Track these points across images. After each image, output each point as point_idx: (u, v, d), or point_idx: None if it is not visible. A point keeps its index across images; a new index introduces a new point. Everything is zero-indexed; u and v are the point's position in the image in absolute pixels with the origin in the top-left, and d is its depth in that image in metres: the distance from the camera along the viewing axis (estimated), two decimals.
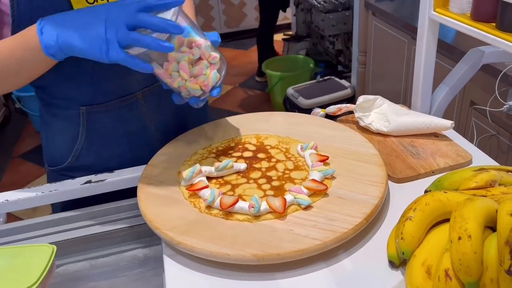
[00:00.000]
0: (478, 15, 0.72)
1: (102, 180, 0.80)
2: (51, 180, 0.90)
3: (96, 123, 0.80)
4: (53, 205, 0.85)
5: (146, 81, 0.81)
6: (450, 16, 0.77)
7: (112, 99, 0.79)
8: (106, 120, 0.80)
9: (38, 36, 0.59)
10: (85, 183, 0.79)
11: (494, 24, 0.69)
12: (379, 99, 0.86)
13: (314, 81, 2.65)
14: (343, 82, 2.56)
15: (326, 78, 2.64)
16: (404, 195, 0.69)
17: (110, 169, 0.80)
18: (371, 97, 0.86)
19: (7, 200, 0.75)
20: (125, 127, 0.83)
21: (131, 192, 0.78)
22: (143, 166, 0.77)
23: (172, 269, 0.60)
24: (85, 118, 0.79)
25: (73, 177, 0.80)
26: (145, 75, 0.77)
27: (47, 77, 0.71)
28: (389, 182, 0.72)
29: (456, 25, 0.75)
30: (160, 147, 0.81)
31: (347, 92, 2.48)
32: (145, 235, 0.80)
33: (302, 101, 2.41)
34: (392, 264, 0.57)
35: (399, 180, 0.73)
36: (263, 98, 3.15)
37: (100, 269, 0.78)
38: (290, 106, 2.53)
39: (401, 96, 1.92)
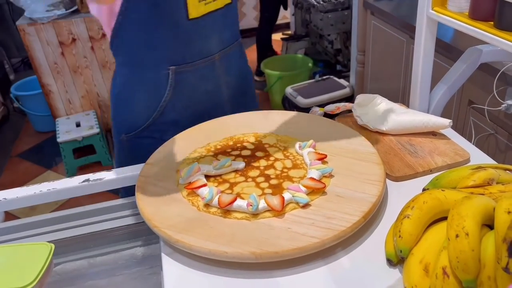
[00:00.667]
0: (476, 14, 0.72)
1: (100, 179, 0.80)
2: (123, 150, 0.97)
3: (182, 81, 0.88)
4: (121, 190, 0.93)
5: (223, 44, 0.91)
6: (448, 14, 0.77)
7: (197, 59, 0.87)
8: (191, 79, 0.89)
9: None
10: (83, 181, 0.79)
11: (492, 22, 0.69)
12: (378, 98, 0.86)
13: (313, 80, 2.65)
14: (342, 81, 2.56)
15: (325, 77, 2.64)
16: (402, 194, 0.69)
17: (186, 127, 0.86)
18: (370, 95, 0.86)
19: (5, 198, 0.75)
20: (205, 86, 0.92)
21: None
22: (141, 165, 0.77)
23: (170, 267, 0.60)
24: (173, 78, 0.86)
25: (152, 137, 0.90)
26: (222, 38, 0.90)
27: (144, 40, 0.81)
28: (387, 181, 0.72)
29: (454, 24, 0.75)
30: (228, 107, 0.95)
31: (346, 91, 2.48)
32: (143, 233, 0.80)
33: (301, 100, 2.41)
34: (390, 262, 0.57)
35: (397, 179, 0.73)
36: (261, 98, 3.15)
37: (98, 268, 0.78)
38: (288, 105, 2.53)
39: (400, 95, 1.92)
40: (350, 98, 2.47)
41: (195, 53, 0.87)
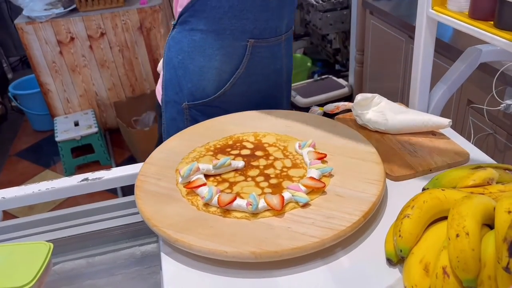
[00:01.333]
0: (476, 13, 0.71)
1: (99, 178, 0.80)
2: (181, 120, 0.96)
3: (257, 55, 0.90)
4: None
5: (288, 26, 0.94)
6: (448, 14, 0.77)
7: (273, 36, 0.90)
8: (265, 54, 0.91)
9: None
10: (82, 180, 0.79)
11: (492, 22, 0.69)
12: (377, 97, 0.86)
13: (311, 79, 2.65)
14: (341, 81, 2.56)
15: (323, 77, 2.64)
16: (401, 193, 0.69)
17: (252, 103, 0.92)
18: (369, 95, 0.86)
19: (3, 197, 0.75)
20: (274, 64, 0.94)
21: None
22: (140, 164, 0.77)
23: (170, 267, 0.60)
24: (250, 50, 0.88)
25: (218, 107, 0.92)
26: (289, 20, 0.93)
27: (231, 8, 0.83)
28: (387, 180, 0.72)
29: (454, 23, 0.75)
30: (284, 90, 0.99)
31: (344, 91, 2.48)
32: (142, 233, 0.80)
33: (300, 100, 2.41)
34: (390, 261, 0.57)
35: (396, 178, 0.73)
36: None
37: (97, 267, 0.78)
38: None
39: (398, 95, 1.92)
40: (349, 98, 2.47)
41: (272, 30, 0.89)
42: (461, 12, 0.75)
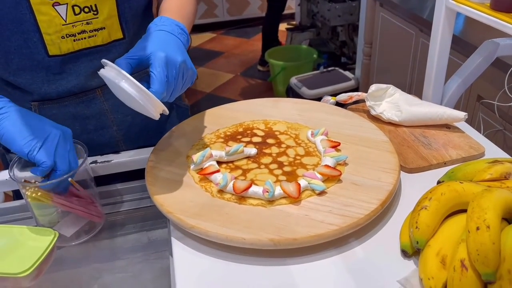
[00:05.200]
0: (499, 5, 0.70)
1: (108, 161, 0.79)
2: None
3: (50, 118, 0.68)
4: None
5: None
6: (468, 5, 0.75)
7: (66, 96, 0.76)
8: (61, 116, 0.77)
9: None
10: (91, 163, 0.78)
11: None
12: (391, 88, 0.85)
13: (317, 71, 2.63)
14: (347, 73, 2.55)
15: (330, 69, 2.62)
16: (415, 185, 0.68)
17: None
18: (383, 86, 0.85)
19: (6, 179, 0.74)
20: (83, 124, 0.79)
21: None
22: (150, 148, 0.76)
23: (181, 251, 0.59)
24: (38, 113, 0.73)
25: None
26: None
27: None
28: (401, 173, 0.71)
29: (475, 15, 0.73)
30: (124, 149, 0.80)
31: (351, 83, 2.46)
32: (150, 217, 0.79)
33: (306, 91, 2.40)
34: (405, 253, 0.57)
35: (410, 170, 0.72)
36: (265, 87, 3.13)
37: (103, 251, 0.77)
38: (293, 95, 2.51)
39: (406, 89, 1.91)
40: (355, 91, 2.45)
41: (62, 90, 0.75)
42: (482, 3, 0.74)
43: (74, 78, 0.74)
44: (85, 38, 0.71)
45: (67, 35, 0.69)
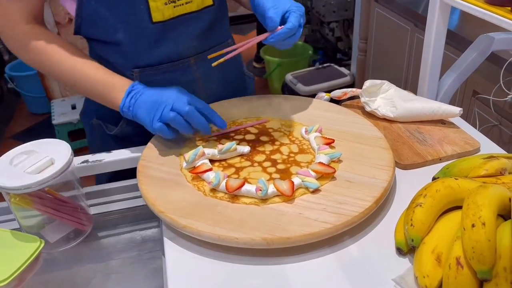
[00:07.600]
0: None
1: (100, 160, 0.78)
2: (94, 134, 0.93)
3: (149, 85, 0.77)
4: (97, 176, 0.89)
5: (200, 47, 0.83)
6: None
7: (165, 63, 0.80)
8: (159, 83, 0.79)
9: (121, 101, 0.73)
10: (82, 162, 0.77)
11: (509, 8, 0.67)
12: (386, 84, 0.84)
13: (313, 67, 2.62)
14: (343, 69, 2.54)
15: (325, 65, 2.61)
16: (410, 182, 0.68)
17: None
18: (378, 81, 0.84)
19: None
20: None
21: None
22: (142, 147, 0.75)
23: (173, 252, 0.58)
24: (139, 81, 0.78)
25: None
26: (200, 41, 0.81)
27: (106, 42, 0.77)
28: (395, 169, 0.70)
29: (469, 9, 0.73)
30: None
31: (346, 79, 2.45)
32: (143, 217, 0.78)
33: (301, 88, 2.39)
34: (400, 251, 0.56)
35: (405, 167, 0.71)
36: (260, 84, 3.12)
37: (95, 251, 0.76)
38: (288, 92, 2.50)
39: (402, 85, 1.90)
40: (351, 87, 2.44)
41: (162, 57, 0.80)
42: None
43: (173, 44, 0.79)
44: (182, 4, 0.76)
45: (169, 1, 0.75)
